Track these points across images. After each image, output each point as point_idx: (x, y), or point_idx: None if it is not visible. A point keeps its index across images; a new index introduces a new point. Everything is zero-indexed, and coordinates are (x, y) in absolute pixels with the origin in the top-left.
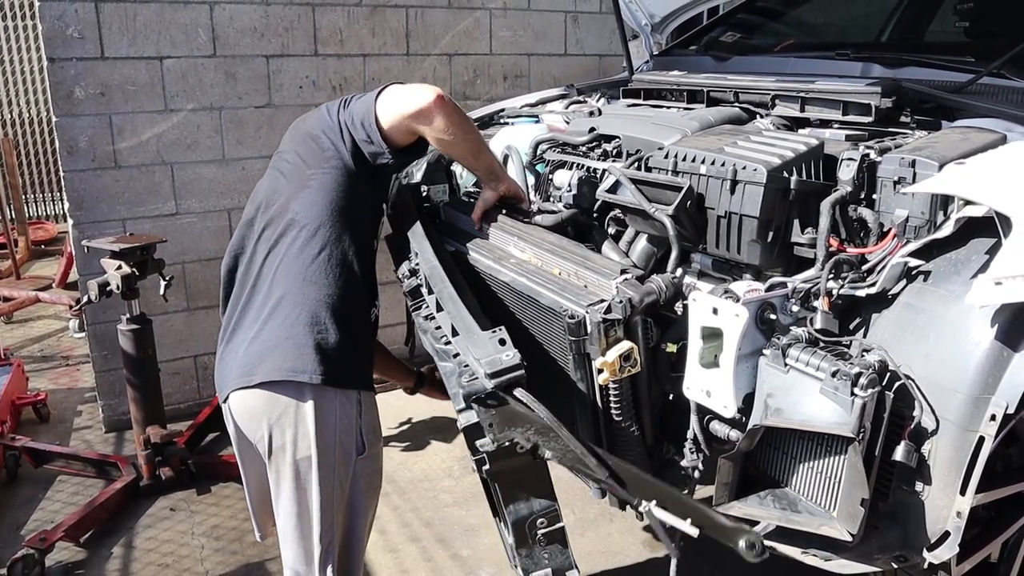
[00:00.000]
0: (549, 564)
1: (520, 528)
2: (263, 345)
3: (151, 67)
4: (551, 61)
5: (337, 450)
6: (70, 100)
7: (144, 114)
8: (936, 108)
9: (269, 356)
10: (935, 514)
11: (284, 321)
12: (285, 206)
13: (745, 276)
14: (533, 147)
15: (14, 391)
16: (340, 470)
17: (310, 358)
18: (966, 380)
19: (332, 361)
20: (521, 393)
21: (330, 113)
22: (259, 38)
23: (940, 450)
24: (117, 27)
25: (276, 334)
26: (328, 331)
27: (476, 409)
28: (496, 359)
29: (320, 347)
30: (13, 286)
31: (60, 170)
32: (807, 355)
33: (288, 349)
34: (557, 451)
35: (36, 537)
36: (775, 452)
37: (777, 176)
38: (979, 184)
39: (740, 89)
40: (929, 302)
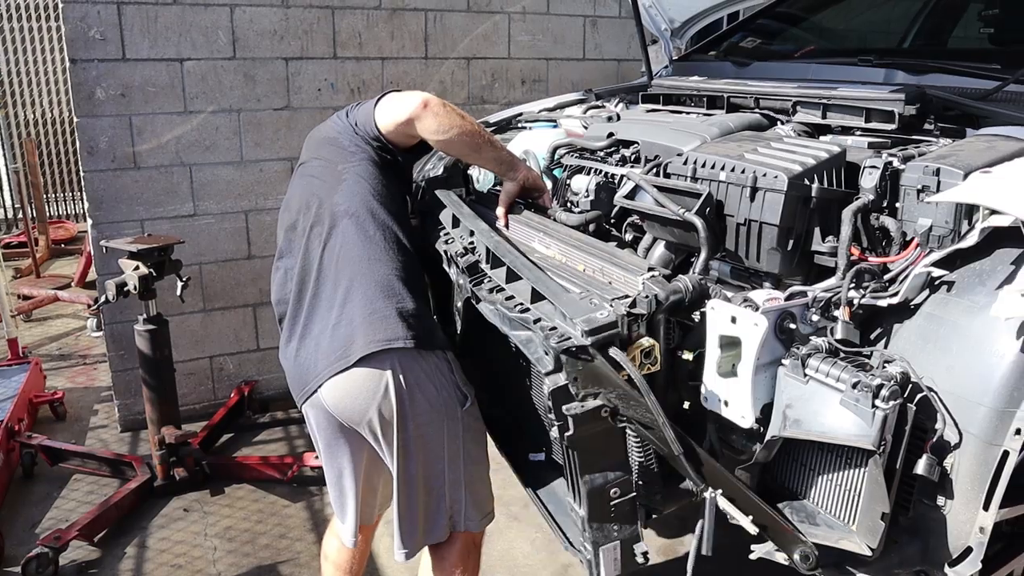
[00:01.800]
0: (619, 536)
1: (594, 498)
2: (348, 327)
3: (171, 69)
4: (569, 65)
5: (444, 407)
6: (91, 101)
7: (164, 115)
8: (961, 116)
9: (359, 334)
10: (957, 529)
11: (362, 300)
12: (328, 202)
13: (765, 284)
14: (551, 152)
15: (31, 389)
16: (451, 425)
17: (399, 325)
18: (990, 393)
19: (417, 325)
20: (614, 352)
21: (340, 119)
22: (278, 41)
23: (963, 464)
24: (138, 29)
25: (359, 312)
26: (405, 299)
27: (566, 363)
28: (592, 317)
29: (402, 314)
30: (33, 284)
31: (80, 170)
32: (827, 366)
33: (376, 321)
34: (637, 417)
35: (51, 535)
36: (794, 464)
37: (798, 184)
38: (1005, 193)
39: (761, 95)
40: (952, 313)
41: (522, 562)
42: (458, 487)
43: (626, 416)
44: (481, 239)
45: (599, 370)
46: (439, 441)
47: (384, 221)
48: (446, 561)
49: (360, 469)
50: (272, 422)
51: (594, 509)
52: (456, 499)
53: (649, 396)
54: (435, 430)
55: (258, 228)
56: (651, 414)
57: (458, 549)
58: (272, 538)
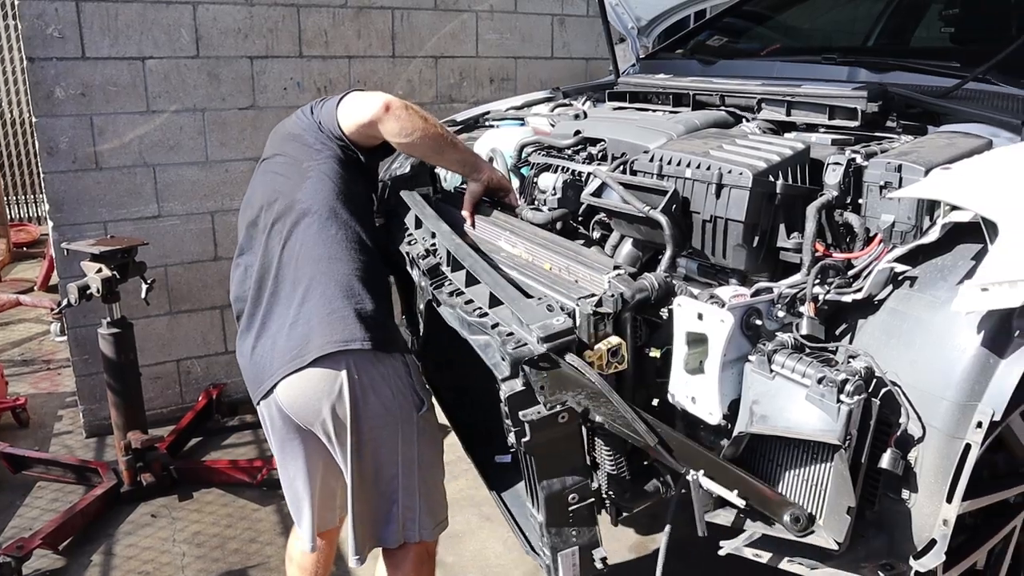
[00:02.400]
0: (577, 541)
1: (552, 504)
2: (305, 326)
3: (133, 68)
4: (538, 64)
5: (399, 411)
6: (50, 100)
7: (126, 115)
8: (922, 113)
9: (315, 334)
10: (921, 522)
11: (321, 299)
12: (290, 199)
13: (731, 281)
14: (518, 150)
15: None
16: (406, 429)
17: (356, 326)
18: (952, 387)
19: (376, 326)
20: (571, 358)
21: (305, 115)
22: (243, 39)
23: (926, 458)
24: (98, 27)
25: (317, 312)
26: (364, 300)
27: (528, 372)
28: (547, 324)
29: (361, 315)
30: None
31: (40, 171)
32: (793, 361)
33: (334, 322)
34: (607, 416)
35: (13, 545)
36: (761, 459)
37: (763, 180)
38: (965, 189)
39: (726, 93)
40: (915, 308)
41: (494, 562)
42: (412, 493)
43: (598, 416)
44: (442, 241)
45: (564, 374)
46: (392, 446)
47: (347, 220)
48: (400, 570)
49: (316, 471)
50: (241, 425)
51: (552, 514)
52: (409, 505)
53: (612, 395)
54: (389, 434)
55: (224, 229)
56: (620, 411)
57: (412, 558)
58: (242, 542)
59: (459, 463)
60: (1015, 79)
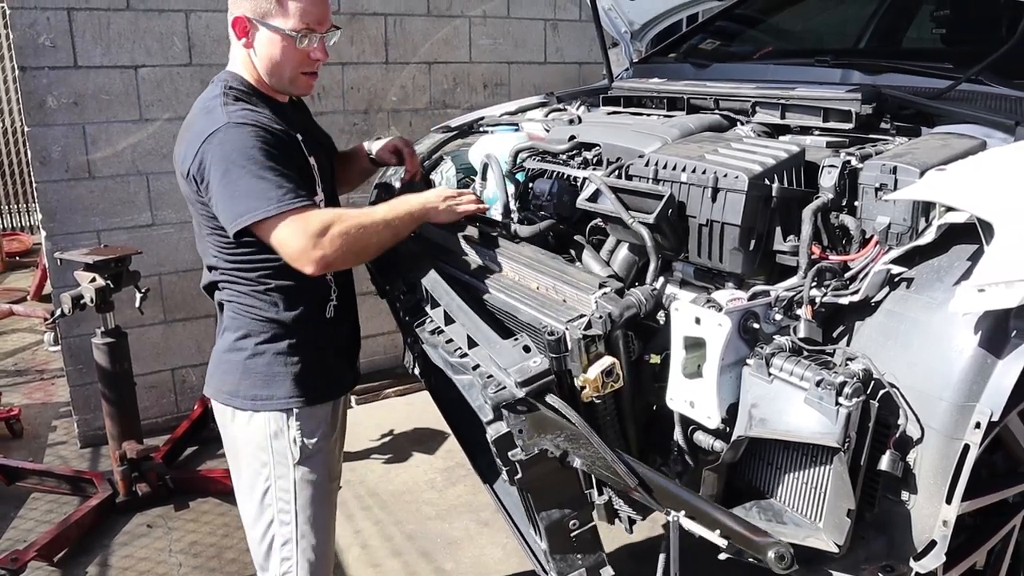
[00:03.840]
0: (583, 564)
1: (554, 532)
2: (215, 356)
3: (125, 76)
4: (531, 69)
5: (273, 463)
6: (43, 110)
7: (119, 124)
8: (916, 114)
9: (214, 372)
10: (921, 523)
11: (226, 335)
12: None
13: (728, 285)
14: (513, 156)
15: None
16: (280, 481)
17: (240, 384)
18: (950, 388)
19: (262, 385)
20: (552, 399)
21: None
22: None
23: (925, 459)
24: (90, 36)
25: (220, 347)
26: (260, 354)
27: (507, 417)
28: (524, 367)
29: (250, 371)
30: None
31: (33, 181)
32: (791, 364)
33: (225, 371)
34: (587, 458)
35: (7, 557)
36: (760, 463)
37: (758, 183)
38: (960, 190)
39: (720, 96)
40: (912, 309)
41: (493, 568)
42: (290, 545)
43: (576, 458)
44: (423, 279)
45: (543, 417)
46: (264, 493)
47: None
48: None
49: None
50: None
51: (555, 542)
52: (287, 557)
53: (593, 436)
54: (260, 482)
55: None
56: (600, 453)
57: None
58: (239, 552)
59: (457, 469)
60: (1008, 80)
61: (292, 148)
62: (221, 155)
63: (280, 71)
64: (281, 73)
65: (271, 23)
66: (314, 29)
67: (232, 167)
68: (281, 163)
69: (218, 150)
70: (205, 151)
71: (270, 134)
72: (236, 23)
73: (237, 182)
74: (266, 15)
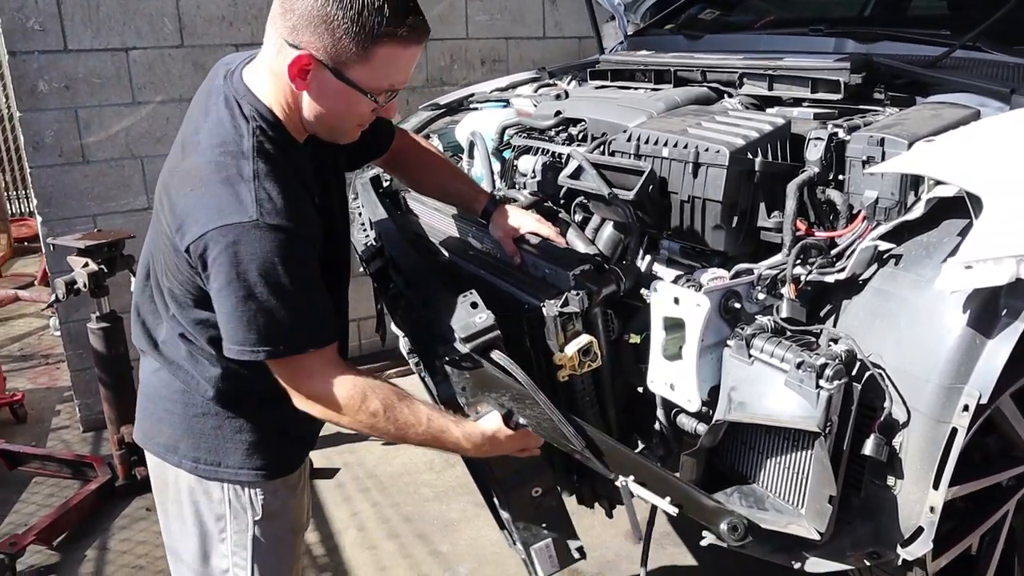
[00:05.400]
0: (549, 534)
1: (515, 499)
2: (145, 392)
3: (117, 59)
4: (530, 44)
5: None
6: (34, 94)
7: (111, 107)
8: (910, 84)
9: (144, 417)
10: (908, 509)
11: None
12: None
13: (714, 263)
14: (500, 132)
15: None
16: (236, 537)
17: (179, 441)
18: (937, 369)
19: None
20: (498, 355)
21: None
22: (227, 27)
23: (911, 443)
24: (80, 18)
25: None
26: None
27: (451, 374)
28: (469, 322)
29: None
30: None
31: (27, 166)
32: (771, 345)
33: (160, 419)
34: (532, 419)
35: (6, 541)
36: (742, 447)
37: (740, 158)
38: (947, 162)
39: (707, 68)
40: (900, 287)
41: (490, 551)
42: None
43: (522, 418)
44: (386, 244)
45: (487, 375)
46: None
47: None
48: None
49: None
50: None
51: (517, 510)
52: None
53: (539, 395)
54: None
55: None
56: (547, 413)
57: None
58: None
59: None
60: (1006, 46)
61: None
62: (238, 263)
63: (335, 126)
64: (334, 127)
65: (347, 75)
66: (396, 88)
67: (247, 283)
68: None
69: (235, 258)
70: (217, 245)
71: (303, 239)
72: (296, 63)
73: (249, 302)
74: (344, 64)
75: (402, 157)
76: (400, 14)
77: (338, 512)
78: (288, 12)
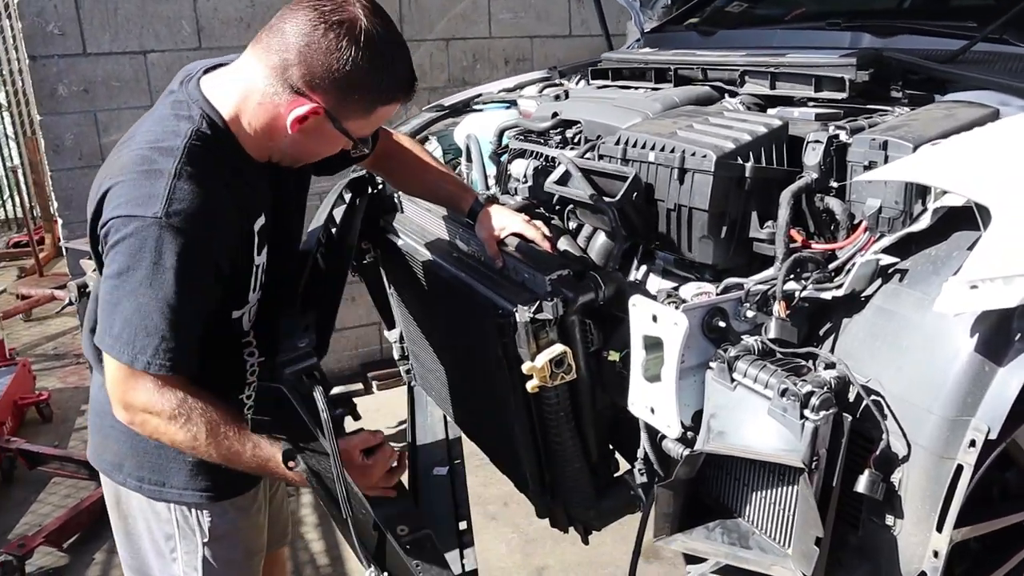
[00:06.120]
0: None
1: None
2: (94, 407)
3: (135, 62)
4: (555, 43)
5: (179, 536)
6: (54, 98)
7: (130, 110)
8: (927, 81)
9: (94, 433)
10: (909, 552)
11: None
12: None
13: (706, 275)
14: (498, 135)
15: (16, 391)
16: (188, 558)
17: (124, 459)
18: (941, 399)
19: (151, 468)
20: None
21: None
22: (245, 28)
23: (912, 480)
24: (98, 22)
25: (99, 399)
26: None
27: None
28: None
29: (137, 449)
30: (35, 284)
31: (47, 170)
32: (755, 369)
33: (106, 436)
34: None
35: (15, 543)
36: (727, 477)
37: (728, 163)
38: (952, 168)
39: (708, 66)
40: (903, 306)
41: (495, 564)
42: None
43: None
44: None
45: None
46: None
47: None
48: None
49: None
50: None
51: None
52: None
53: (331, 440)
54: (162, 553)
55: None
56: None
57: None
58: None
59: (471, 458)
60: None
61: (230, 254)
62: (130, 256)
63: (304, 158)
64: (302, 159)
65: (344, 125)
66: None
67: (132, 279)
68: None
69: (131, 247)
70: (118, 233)
71: (204, 251)
72: (303, 112)
73: (126, 299)
74: (345, 117)
75: (387, 159)
76: (410, 81)
77: None
78: (304, 63)
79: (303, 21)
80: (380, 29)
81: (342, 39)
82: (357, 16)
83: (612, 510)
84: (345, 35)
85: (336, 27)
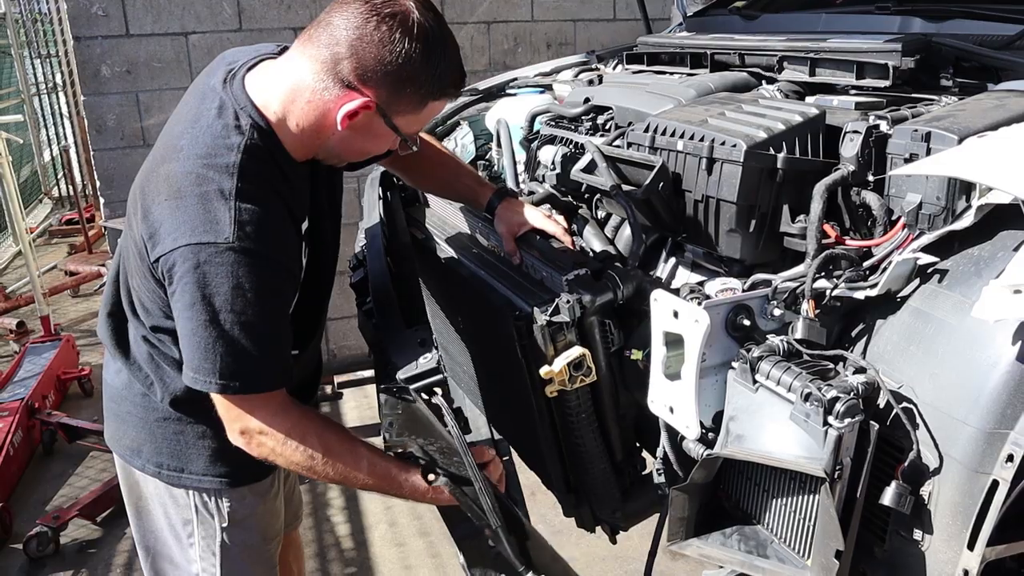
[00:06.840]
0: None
1: (468, 546)
2: (109, 391)
3: (176, 43)
4: (599, 27)
5: (197, 521)
6: (97, 79)
7: (171, 91)
8: (980, 69)
9: (110, 417)
10: (938, 570)
11: (123, 374)
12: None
13: (734, 270)
14: (529, 120)
15: (60, 366)
16: (205, 542)
17: (143, 444)
18: (977, 410)
19: (170, 454)
20: (441, 401)
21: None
22: (285, 10)
23: (943, 494)
24: (141, 4)
25: (115, 383)
26: (169, 419)
27: (384, 403)
28: (412, 362)
29: (155, 435)
30: (84, 261)
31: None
32: (779, 371)
33: (124, 420)
34: (453, 475)
35: (50, 515)
36: (747, 482)
37: (759, 153)
38: (1000, 163)
39: (746, 51)
40: (941, 309)
41: None
42: None
43: (442, 475)
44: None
45: (418, 414)
46: (184, 547)
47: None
48: None
49: None
50: None
51: (471, 557)
52: None
53: (467, 457)
54: (181, 537)
55: None
56: (469, 476)
57: None
58: None
59: None
60: None
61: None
62: (204, 290)
63: (351, 157)
64: (348, 157)
65: (394, 121)
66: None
67: (213, 306)
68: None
69: (203, 280)
70: (186, 263)
71: (280, 265)
72: (355, 107)
73: (212, 328)
74: (396, 112)
75: (404, 157)
76: (461, 75)
77: (371, 506)
78: (355, 56)
79: (354, 14)
80: (432, 23)
81: (395, 31)
82: (409, 8)
83: (638, 511)
84: (398, 27)
85: (389, 19)
